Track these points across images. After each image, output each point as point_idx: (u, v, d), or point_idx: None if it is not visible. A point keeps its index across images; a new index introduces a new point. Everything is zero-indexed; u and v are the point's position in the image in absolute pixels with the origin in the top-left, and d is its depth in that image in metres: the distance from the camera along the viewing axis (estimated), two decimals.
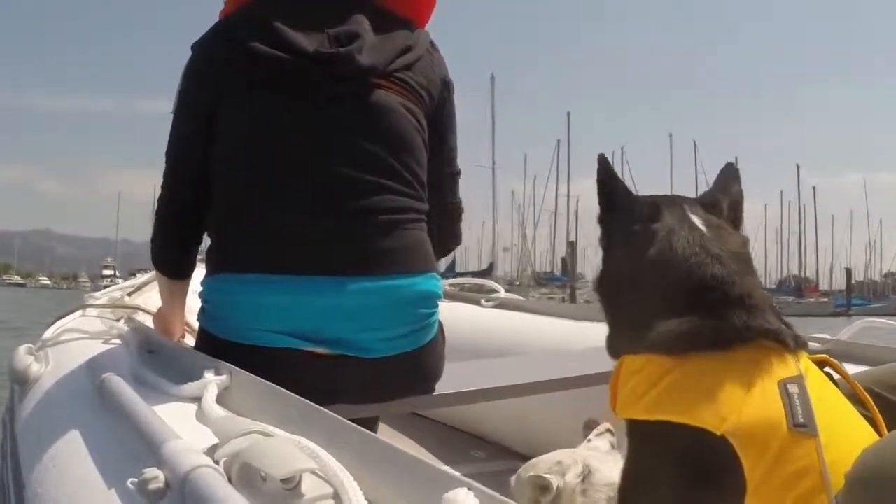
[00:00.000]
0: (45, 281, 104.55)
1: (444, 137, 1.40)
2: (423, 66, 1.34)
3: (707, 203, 1.05)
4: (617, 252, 1.07)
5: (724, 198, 1.07)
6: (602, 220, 1.10)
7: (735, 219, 1.06)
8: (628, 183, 1.11)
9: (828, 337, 1.76)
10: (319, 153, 1.25)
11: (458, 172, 1.48)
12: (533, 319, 2.46)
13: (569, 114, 53.01)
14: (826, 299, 44.14)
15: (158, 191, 1.36)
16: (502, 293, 2.86)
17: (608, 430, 1.44)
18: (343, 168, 1.25)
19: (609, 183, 1.09)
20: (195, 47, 1.32)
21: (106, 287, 2.46)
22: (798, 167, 57.44)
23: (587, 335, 2.12)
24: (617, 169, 1.13)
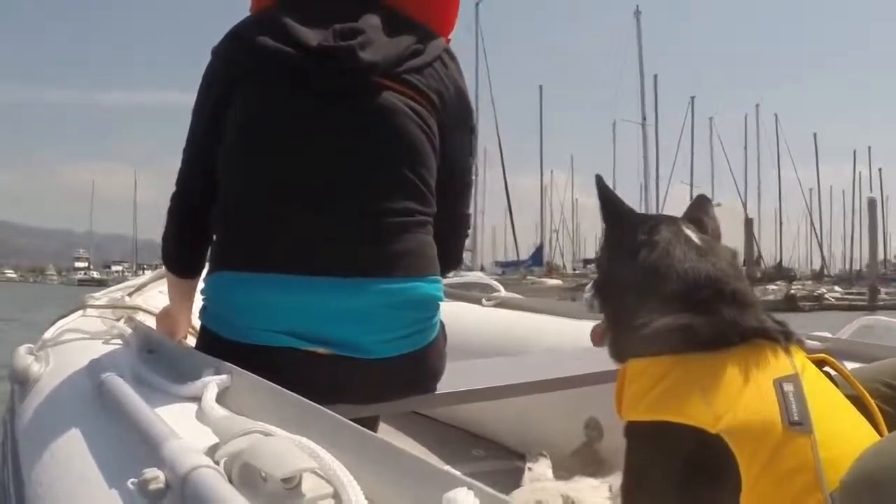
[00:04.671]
0: (10, 274, 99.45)
1: (456, 145, 1.37)
2: (435, 72, 1.32)
3: (696, 221, 1.15)
4: (620, 261, 1.12)
5: (708, 220, 1.18)
6: (606, 234, 1.19)
7: (716, 239, 1.16)
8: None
9: (828, 335, 1.77)
10: (321, 151, 1.24)
11: (469, 183, 1.46)
12: (533, 318, 2.47)
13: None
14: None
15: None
16: (503, 292, 2.86)
17: (541, 455, 1.64)
18: (346, 167, 1.24)
19: (610, 200, 1.18)
20: (213, 48, 1.33)
21: (80, 280, 2.45)
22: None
23: (588, 334, 2.12)
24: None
